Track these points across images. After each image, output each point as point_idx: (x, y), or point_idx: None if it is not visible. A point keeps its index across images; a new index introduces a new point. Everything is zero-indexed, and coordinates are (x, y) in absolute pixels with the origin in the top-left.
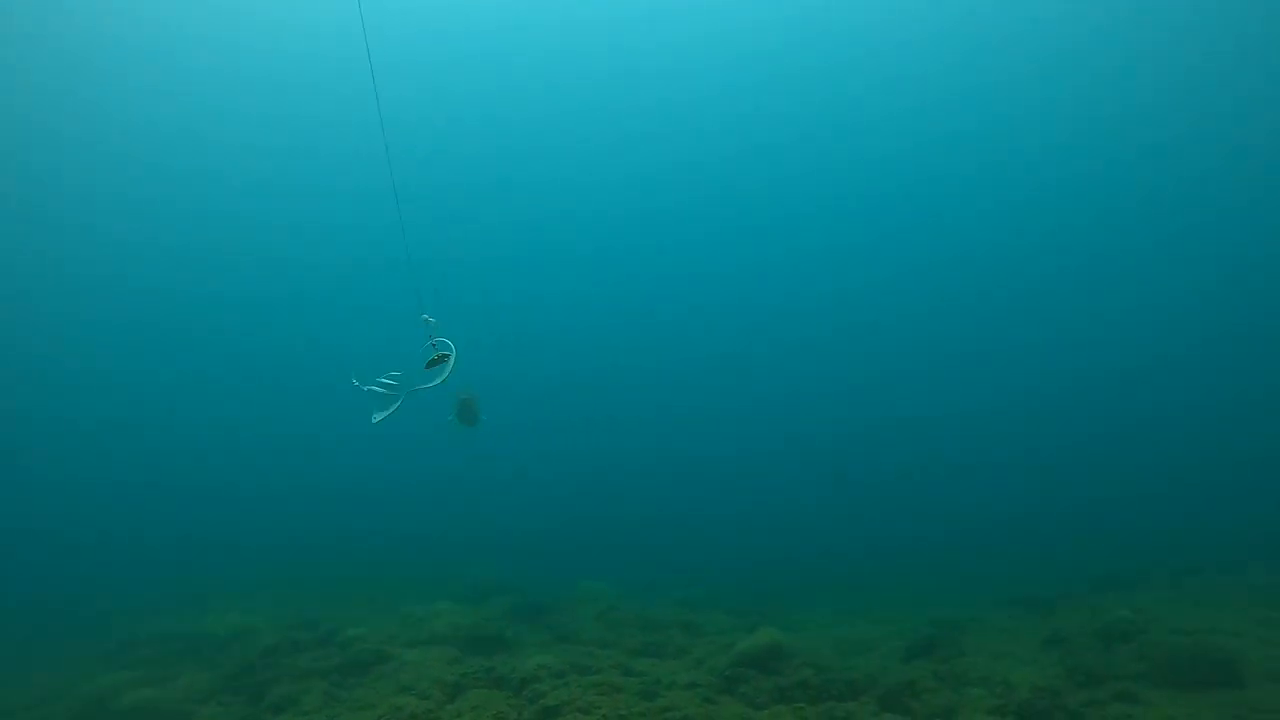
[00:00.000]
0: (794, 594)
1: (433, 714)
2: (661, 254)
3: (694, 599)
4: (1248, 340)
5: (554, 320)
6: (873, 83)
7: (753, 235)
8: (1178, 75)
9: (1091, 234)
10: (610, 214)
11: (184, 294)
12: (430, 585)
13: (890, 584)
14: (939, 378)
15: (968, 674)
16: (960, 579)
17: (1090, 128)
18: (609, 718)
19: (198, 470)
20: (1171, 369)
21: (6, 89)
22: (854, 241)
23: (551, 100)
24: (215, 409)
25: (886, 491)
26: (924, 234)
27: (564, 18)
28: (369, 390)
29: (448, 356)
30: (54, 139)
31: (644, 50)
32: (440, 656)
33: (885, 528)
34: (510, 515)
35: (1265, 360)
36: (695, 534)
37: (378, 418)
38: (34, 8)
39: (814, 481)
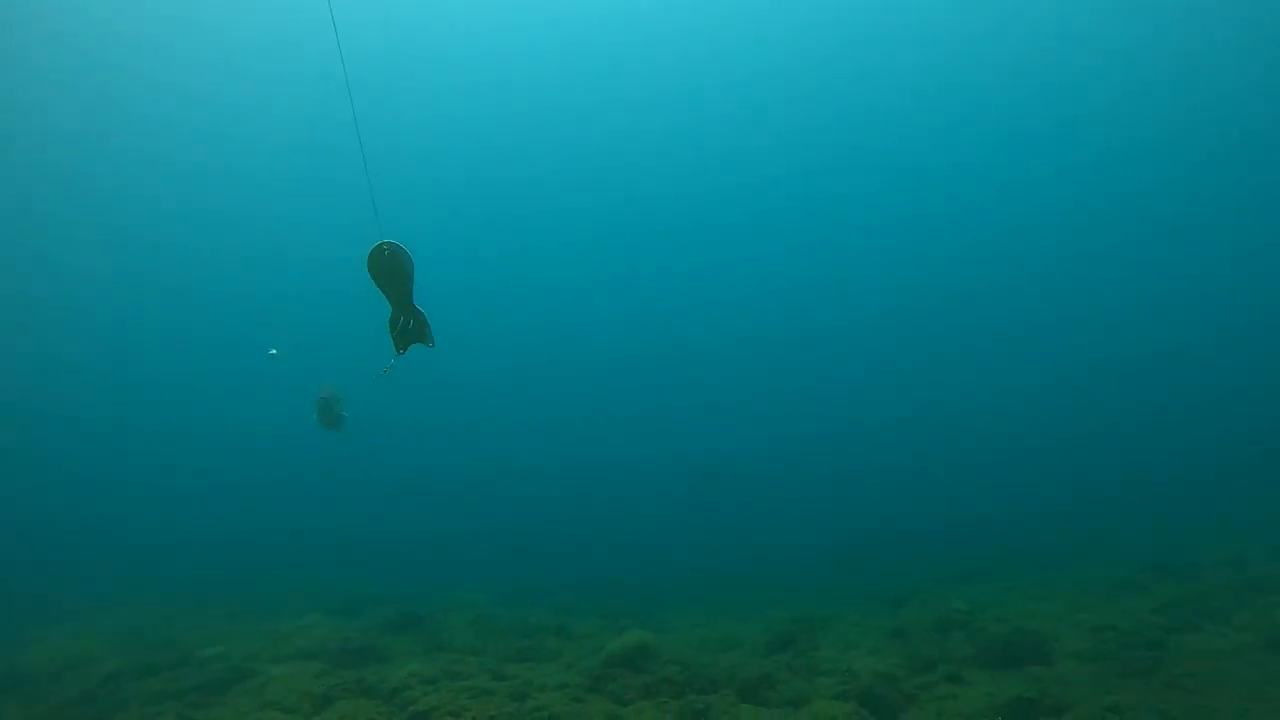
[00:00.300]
0: (665, 597)
1: None
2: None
3: (567, 604)
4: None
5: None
6: (864, 78)
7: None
8: (1164, 72)
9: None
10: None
11: None
12: (298, 599)
13: (757, 586)
14: (812, 389)
15: (819, 665)
16: (822, 580)
17: (1096, 121)
18: (479, 718)
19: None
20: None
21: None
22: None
23: (559, 94)
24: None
25: (756, 497)
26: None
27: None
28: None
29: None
30: (56, 136)
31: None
32: (307, 671)
33: (753, 532)
34: (383, 523)
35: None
36: (568, 541)
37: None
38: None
39: (684, 488)
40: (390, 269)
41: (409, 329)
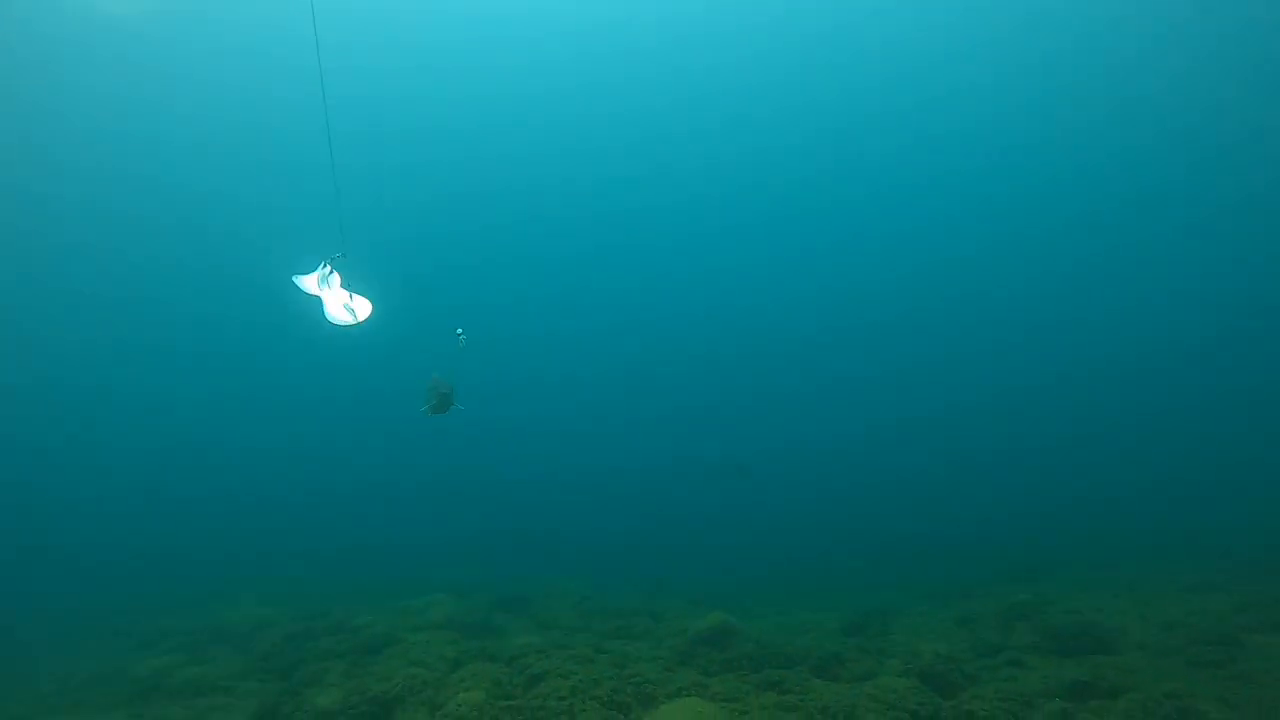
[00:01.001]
0: (747, 588)
1: (441, 681)
2: (646, 256)
3: (656, 591)
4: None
5: (527, 325)
6: (864, 85)
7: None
8: (1164, 80)
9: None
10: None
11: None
12: (418, 585)
13: (832, 582)
14: (877, 394)
15: (888, 648)
16: (892, 575)
17: (1097, 129)
18: (585, 681)
19: (191, 481)
20: (1089, 378)
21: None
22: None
23: (570, 103)
24: (220, 427)
25: (835, 499)
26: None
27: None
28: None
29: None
30: (53, 151)
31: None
32: (440, 638)
33: (830, 532)
34: (488, 520)
35: (1197, 368)
36: (659, 535)
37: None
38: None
39: (769, 490)
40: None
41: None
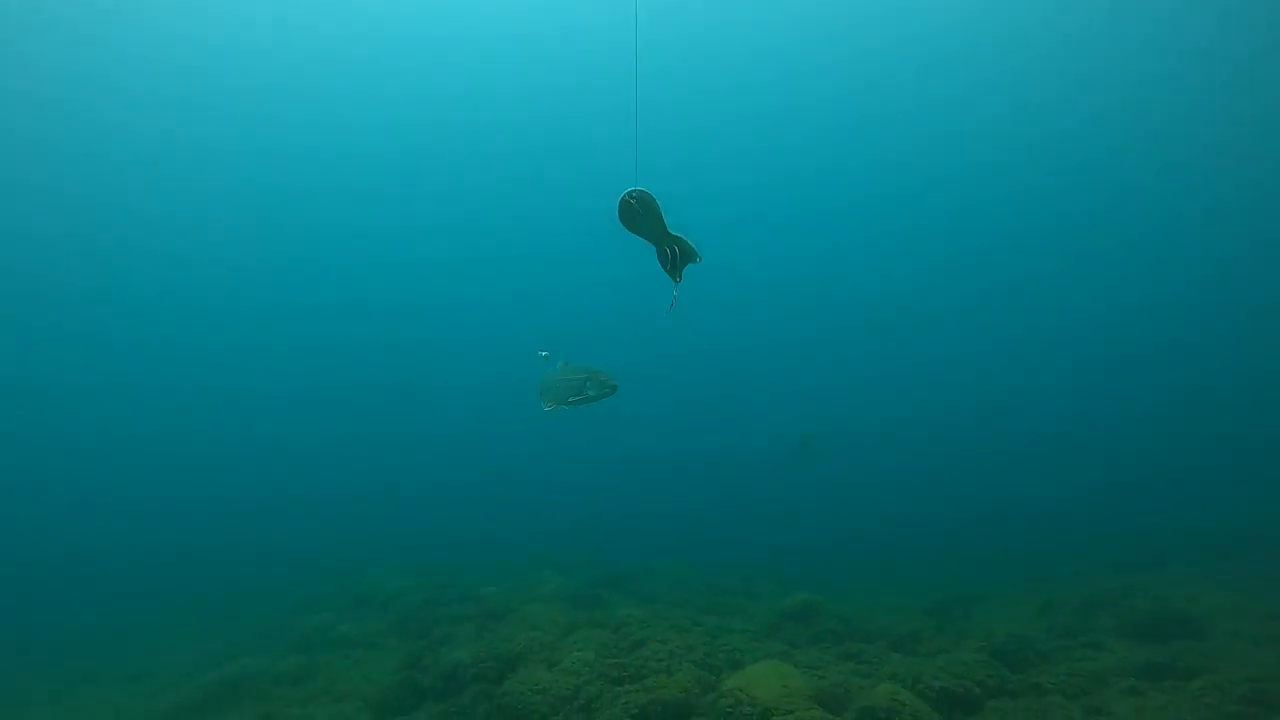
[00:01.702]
0: (836, 571)
1: (555, 643)
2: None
3: (752, 573)
4: (1245, 330)
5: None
6: (865, 84)
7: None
8: (1164, 77)
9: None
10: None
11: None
12: (530, 563)
13: (919, 568)
14: (957, 377)
15: (968, 630)
16: (978, 564)
17: (1091, 128)
18: (681, 646)
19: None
20: (1167, 361)
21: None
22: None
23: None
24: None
25: (920, 486)
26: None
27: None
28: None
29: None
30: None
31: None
32: (553, 608)
33: (916, 519)
34: (592, 508)
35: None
36: (753, 520)
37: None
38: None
39: (858, 474)
40: (641, 214)
41: (677, 257)
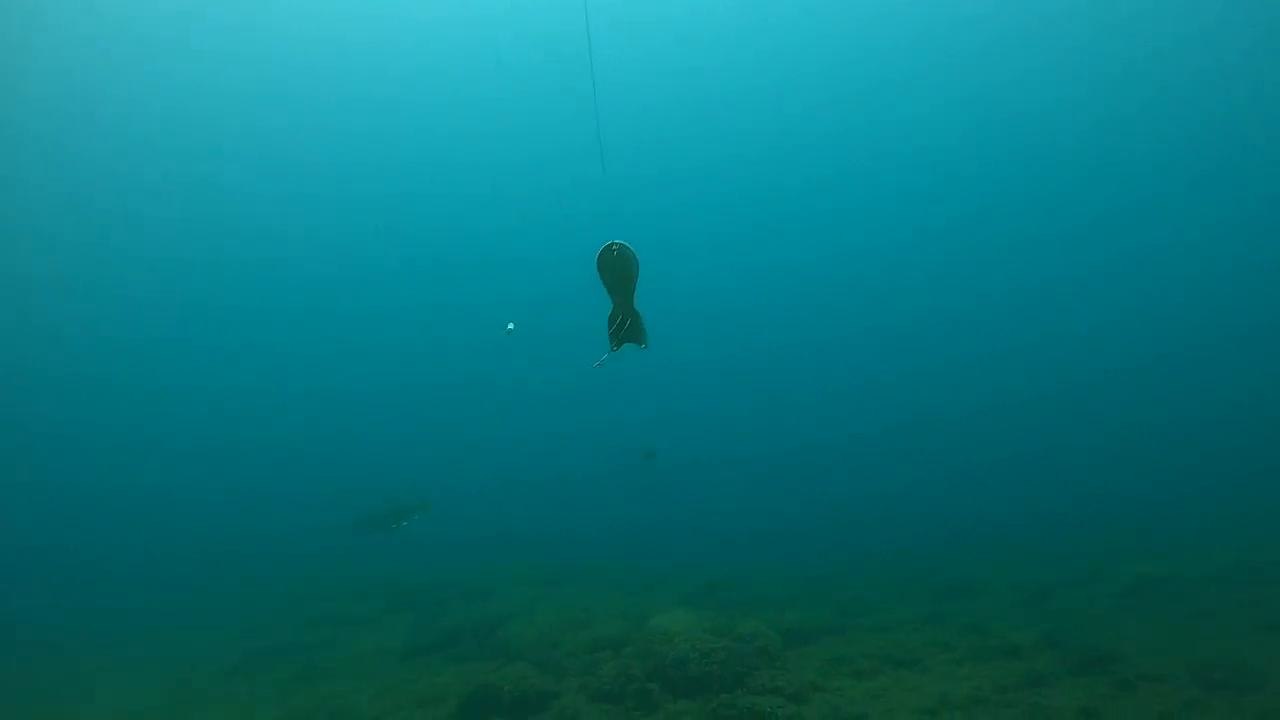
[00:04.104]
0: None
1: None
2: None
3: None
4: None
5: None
6: (872, 85)
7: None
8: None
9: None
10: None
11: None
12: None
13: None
14: (956, 385)
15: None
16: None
17: (1099, 135)
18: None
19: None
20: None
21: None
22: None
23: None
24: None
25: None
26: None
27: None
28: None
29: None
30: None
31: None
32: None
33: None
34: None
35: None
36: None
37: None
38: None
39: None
40: (618, 268)
41: (625, 327)
